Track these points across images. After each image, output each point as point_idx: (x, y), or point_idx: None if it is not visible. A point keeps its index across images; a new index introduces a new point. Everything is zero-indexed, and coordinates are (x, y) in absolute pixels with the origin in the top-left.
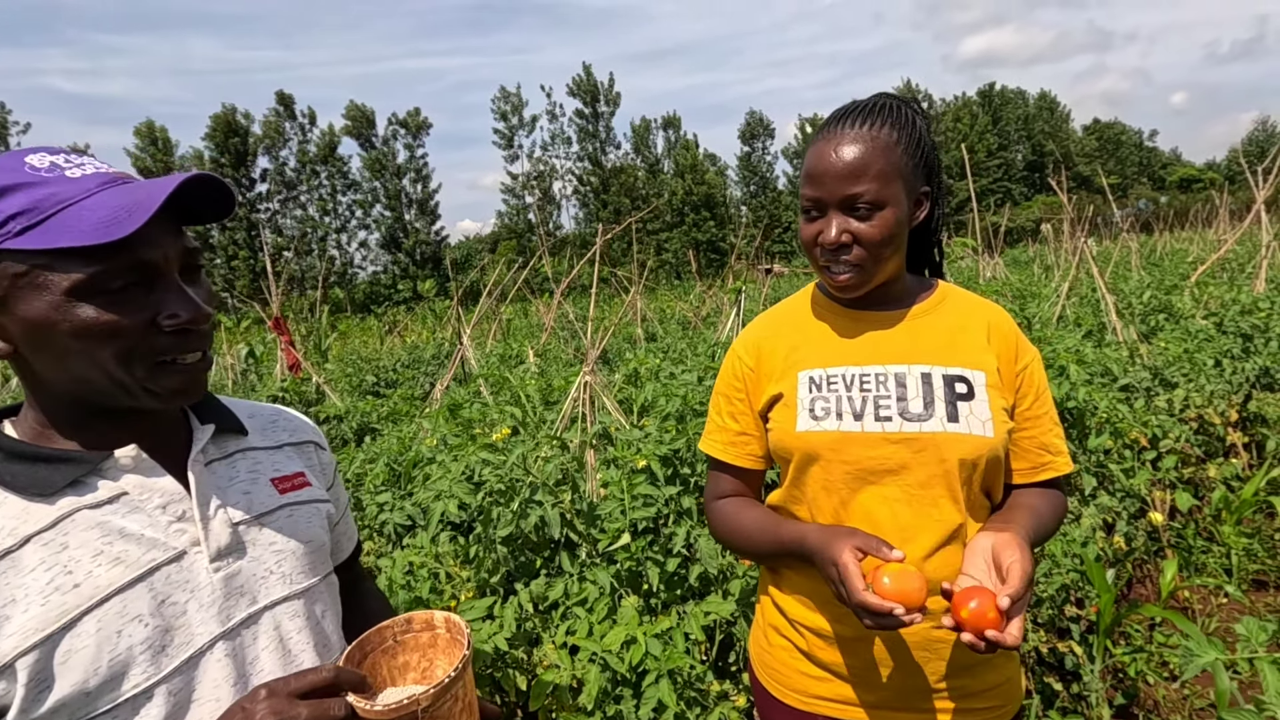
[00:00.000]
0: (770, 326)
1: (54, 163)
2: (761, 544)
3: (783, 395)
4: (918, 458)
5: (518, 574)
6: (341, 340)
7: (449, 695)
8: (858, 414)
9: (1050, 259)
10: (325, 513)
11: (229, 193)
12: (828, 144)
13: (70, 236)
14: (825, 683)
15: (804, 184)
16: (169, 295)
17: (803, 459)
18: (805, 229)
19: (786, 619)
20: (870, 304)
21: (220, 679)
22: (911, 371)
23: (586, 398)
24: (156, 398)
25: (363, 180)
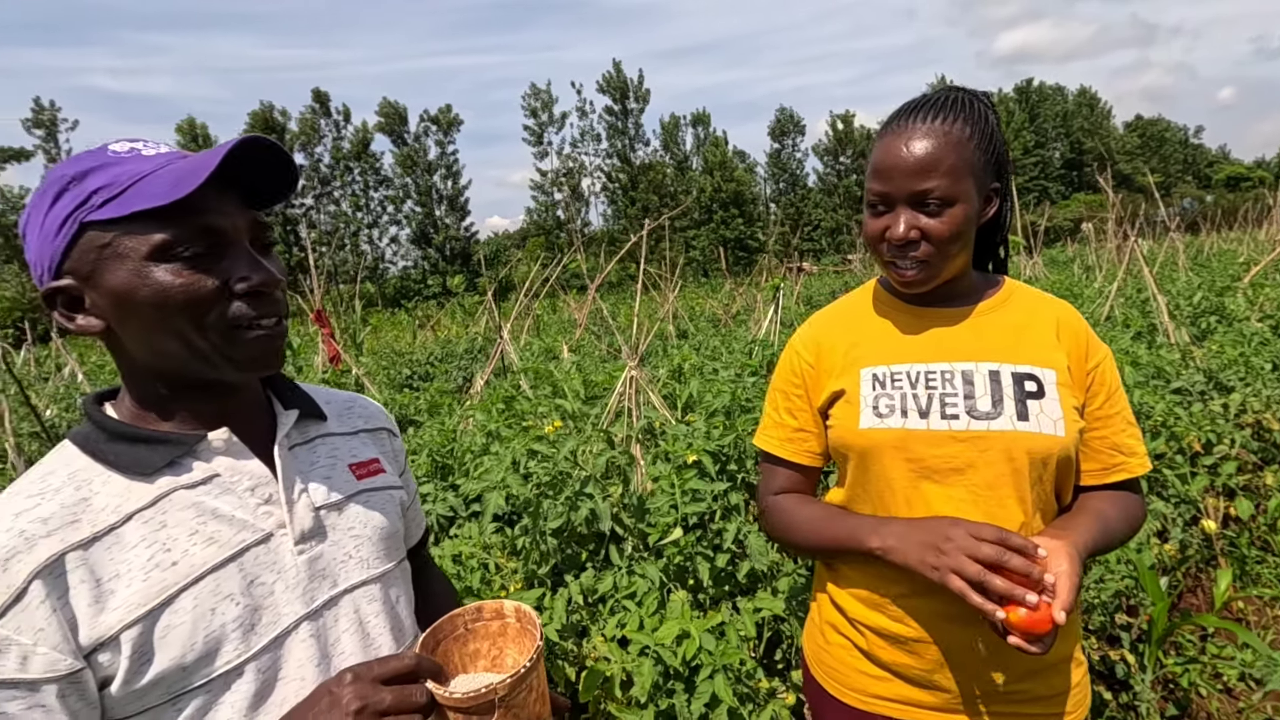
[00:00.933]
0: (830, 323)
1: (133, 147)
2: (823, 539)
3: (844, 392)
4: (985, 457)
5: (564, 566)
6: (373, 334)
7: (524, 685)
8: (923, 411)
9: (1091, 259)
10: (398, 499)
11: (290, 164)
12: (897, 138)
13: (143, 200)
14: (885, 682)
15: (871, 178)
16: (239, 261)
17: (865, 457)
18: (871, 224)
19: (845, 617)
20: (935, 301)
21: (304, 659)
22: (979, 369)
23: (632, 392)
24: (235, 366)
25: (394, 176)
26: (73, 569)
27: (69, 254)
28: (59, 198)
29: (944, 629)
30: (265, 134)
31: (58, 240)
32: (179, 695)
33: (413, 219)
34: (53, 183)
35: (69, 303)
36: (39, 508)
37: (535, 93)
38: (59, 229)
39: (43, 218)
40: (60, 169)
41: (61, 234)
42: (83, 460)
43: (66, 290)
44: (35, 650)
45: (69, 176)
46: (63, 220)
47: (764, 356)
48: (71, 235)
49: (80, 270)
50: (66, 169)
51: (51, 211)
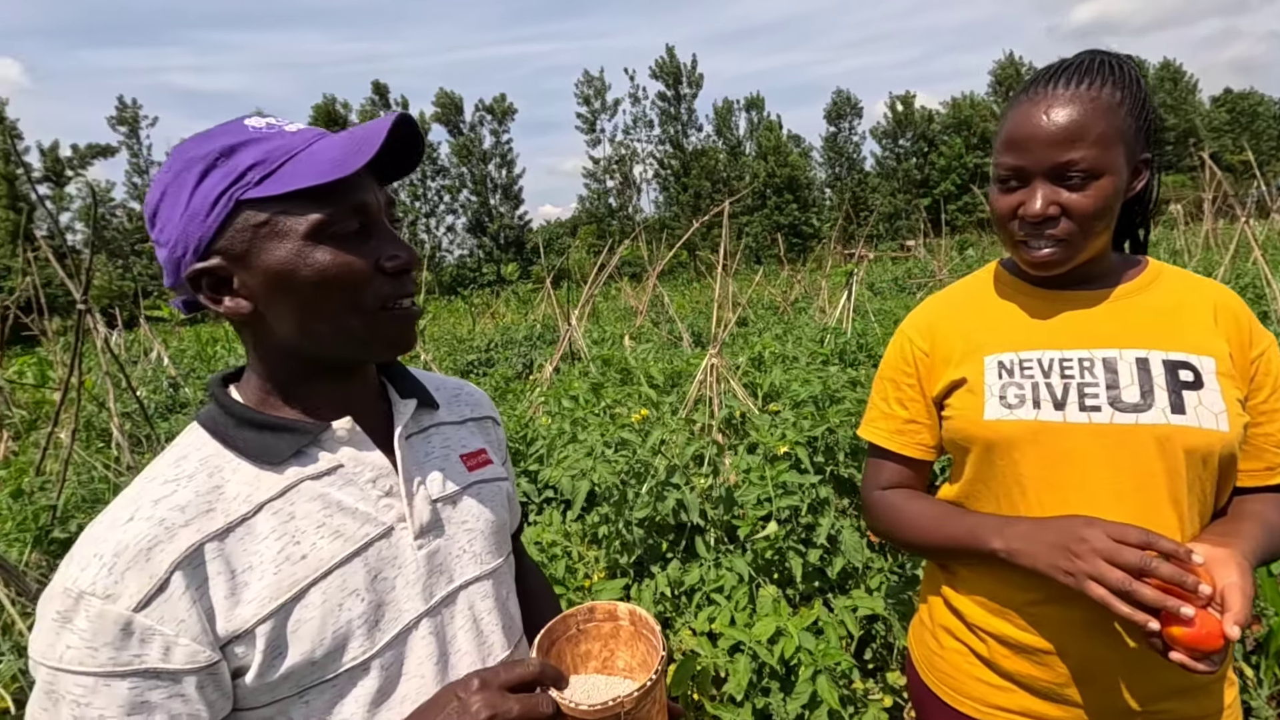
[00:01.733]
0: (945, 307)
1: (269, 123)
2: (937, 539)
3: (965, 380)
4: (1134, 454)
5: (646, 557)
6: (433, 322)
7: (650, 698)
8: (1058, 402)
9: (1179, 243)
10: (505, 490)
11: (420, 140)
12: (1036, 106)
13: (305, 178)
14: (1008, 693)
15: (1002, 151)
16: (384, 240)
17: (989, 450)
18: (1001, 200)
19: (963, 622)
20: (1069, 283)
21: (424, 656)
22: (1124, 356)
23: (713, 380)
24: (382, 346)
25: (450, 166)
26: (210, 559)
27: (221, 233)
28: (207, 174)
29: (1080, 640)
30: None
31: (209, 220)
32: (307, 689)
33: (468, 208)
34: (194, 160)
35: (215, 284)
36: (175, 495)
37: (588, 80)
38: (211, 207)
39: (188, 195)
40: (196, 145)
41: (214, 213)
42: (213, 446)
43: (214, 271)
44: (177, 641)
45: (215, 152)
46: (215, 198)
47: (836, 344)
48: (226, 213)
49: (233, 250)
50: (207, 145)
51: (199, 189)
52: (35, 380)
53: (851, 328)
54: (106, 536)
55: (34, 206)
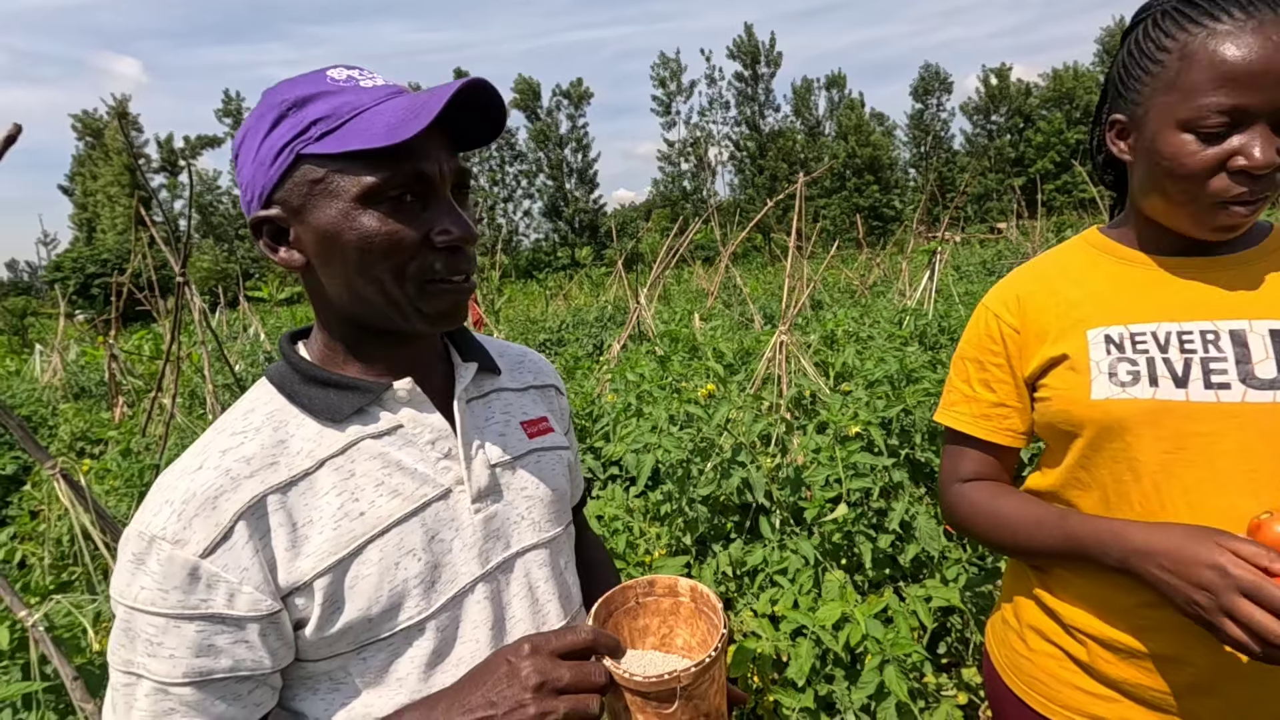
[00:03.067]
0: (1035, 279)
1: (350, 75)
2: (1034, 539)
3: (1067, 357)
4: (1269, 435)
5: (709, 536)
6: (509, 304)
7: (708, 675)
8: (1179, 379)
9: None
10: (566, 459)
11: (501, 106)
12: (1253, 32)
13: (362, 139)
14: (1109, 703)
15: (1216, 88)
16: (442, 212)
17: (1098, 434)
18: (1203, 153)
19: (1059, 624)
20: (1193, 250)
21: (479, 620)
22: (1254, 328)
23: (782, 358)
24: (424, 319)
25: (528, 151)
26: (273, 511)
27: (281, 184)
28: (278, 124)
29: (1205, 647)
30: None
31: (273, 170)
32: (364, 646)
33: (544, 192)
34: (271, 106)
35: (275, 234)
36: (242, 447)
37: (664, 62)
38: (275, 157)
39: (259, 142)
40: (279, 91)
41: (277, 163)
42: (279, 400)
43: (274, 220)
44: (241, 589)
45: (289, 101)
46: (280, 149)
47: (916, 326)
48: (287, 165)
49: (290, 202)
50: (286, 92)
51: (269, 138)
52: (151, 353)
53: (933, 309)
54: (176, 484)
55: (151, 195)
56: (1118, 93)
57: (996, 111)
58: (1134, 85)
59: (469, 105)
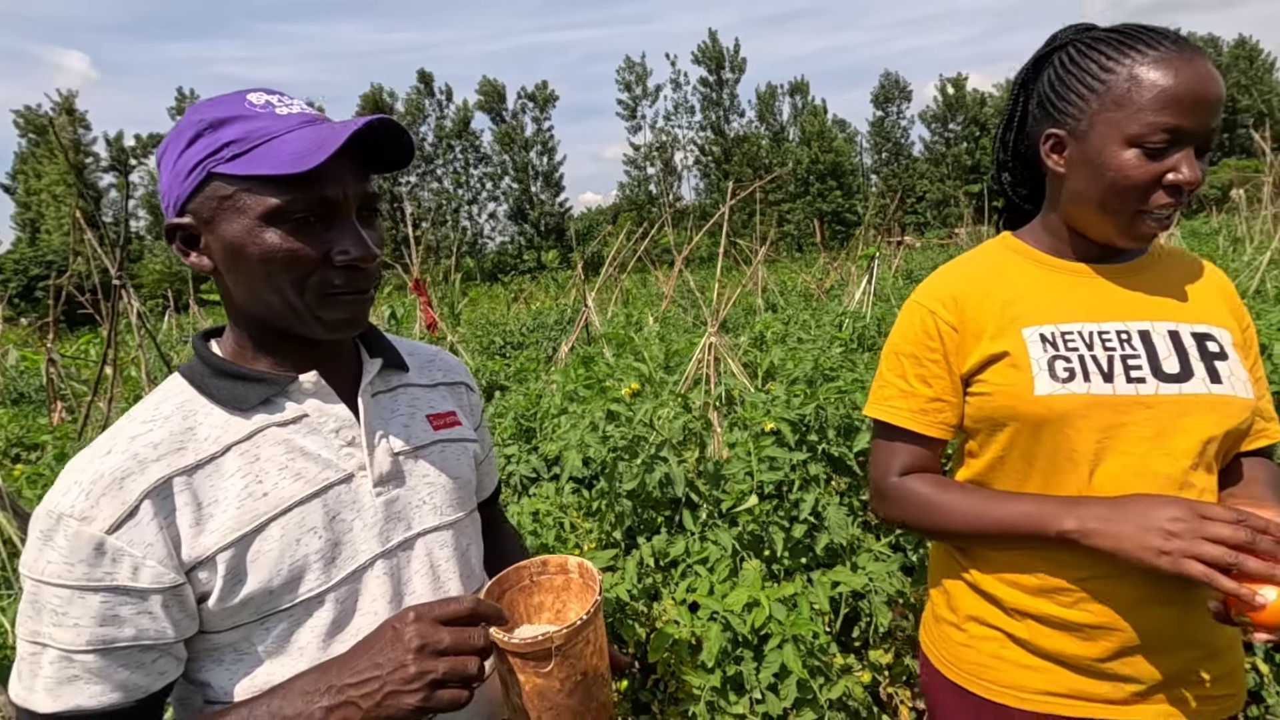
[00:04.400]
0: (969, 279)
1: (268, 100)
2: (985, 524)
3: (1008, 354)
4: (1180, 423)
5: (639, 530)
6: (471, 306)
7: (581, 637)
8: (1106, 374)
9: (1241, 229)
10: (473, 451)
11: (408, 139)
12: (1186, 63)
13: (268, 165)
14: (1048, 674)
15: (1161, 109)
16: (345, 233)
17: (1037, 427)
18: (1145, 167)
19: (998, 607)
20: (1101, 257)
21: (378, 594)
22: (1155, 328)
23: (711, 359)
24: (324, 325)
25: (493, 154)
26: (178, 492)
27: (194, 196)
28: (194, 141)
29: (1137, 614)
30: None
31: (186, 183)
32: (266, 616)
33: (510, 195)
34: (190, 124)
35: (187, 239)
36: (151, 433)
37: (629, 66)
38: (189, 172)
39: (176, 156)
40: (199, 110)
41: (190, 178)
42: (190, 392)
43: (186, 228)
44: (144, 563)
45: (206, 121)
46: (193, 165)
47: (855, 329)
48: (199, 181)
49: (201, 214)
50: (206, 112)
51: (185, 153)
52: (96, 358)
53: (871, 312)
54: (86, 466)
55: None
56: (1049, 109)
57: (953, 120)
58: (1073, 102)
59: (382, 133)
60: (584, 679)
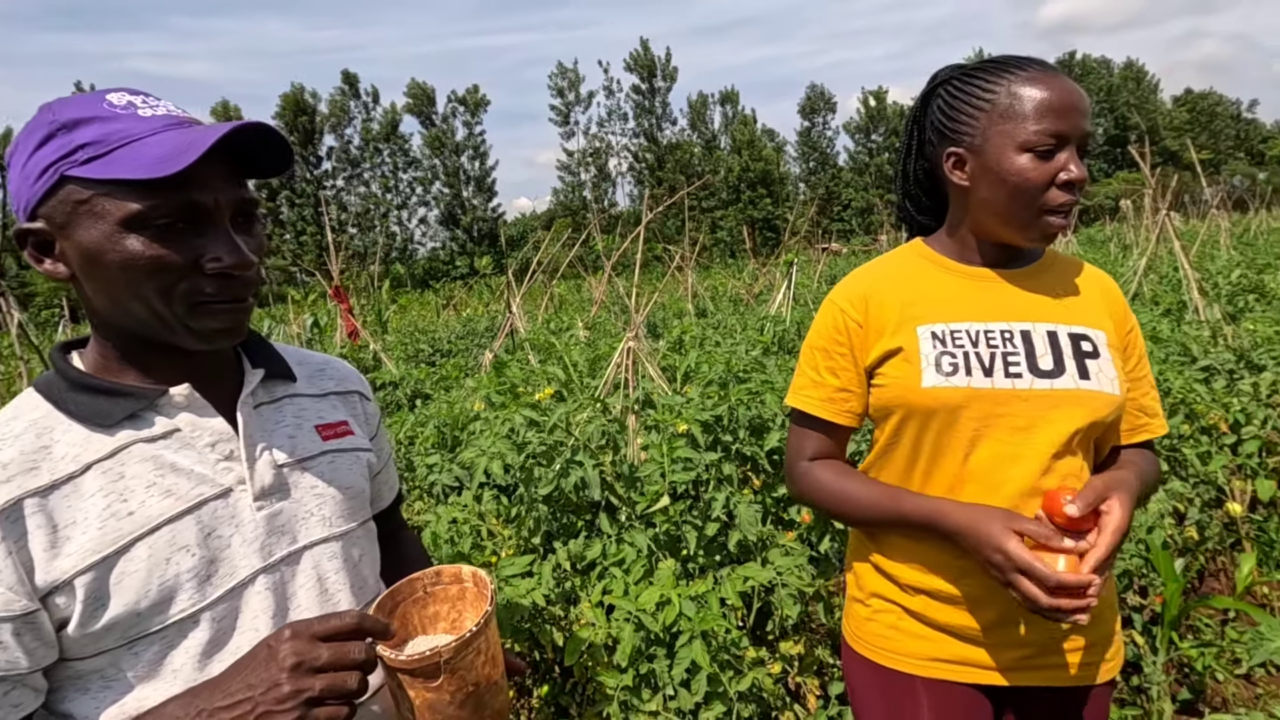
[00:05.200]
0: (876, 280)
1: (131, 101)
2: (874, 514)
3: (902, 349)
4: (1049, 415)
5: (559, 534)
6: (401, 313)
7: (471, 648)
8: (987, 369)
9: (1129, 237)
10: (366, 461)
11: (285, 143)
12: (1054, 79)
13: (127, 169)
14: (939, 643)
15: (1040, 118)
16: (217, 240)
17: (925, 416)
18: (1039, 168)
19: (896, 585)
20: (997, 262)
21: (260, 610)
22: (1036, 329)
23: (629, 363)
24: (196, 336)
25: (423, 158)
26: (30, 514)
27: (45, 200)
28: (45, 142)
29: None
30: (296, 115)
31: (36, 186)
32: (135, 640)
33: (441, 200)
34: (41, 124)
35: (39, 245)
36: (0, 453)
37: (562, 72)
38: (39, 175)
39: (26, 158)
40: (52, 110)
41: (41, 181)
42: (45, 408)
43: (38, 233)
44: None
45: (59, 123)
46: (44, 167)
47: (775, 332)
48: (51, 185)
49: (54, 219)
50: (59, 112)
51: (35, 155)
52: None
53: (790, 316)
54: None
55: None
56: (945, 134)
57: (875, 131)
58: (965, 123)
59: (258, 137)
60: (475, 689)
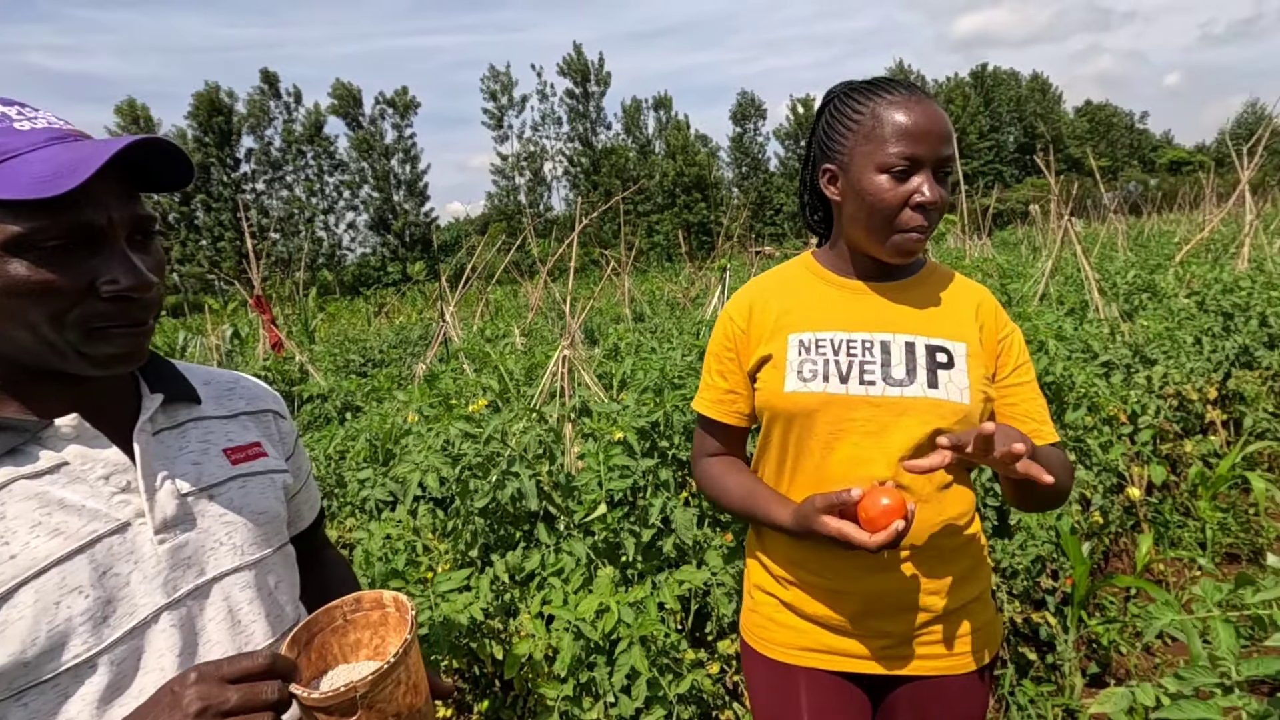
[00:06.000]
0: (763, 290)
1: (5, 114)
2: (743, 512)
3: (772, 356)
4: (897, 421)
5: (497, 546)
6: (329, 322)
7: (390, 679)
8: (843, 377)
9: (1038, 240)
10: (281, 483)
11: (184, 158)
12: (916, 103)
13: (8, 189)
14: (810, 634)
15: (897, 141)
16: (112, 261)
17: (788, 419)
18: (895, 190)
19: (772, 576)
20: (873, 275)
21: (165, 649)
22: (896, 340)
23: (565, 371)
24: (91, 363)
25: (350, 161)
26: None
27: None
28: None
29: (864, 580)
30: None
31: None
32: (23, 690)
33: (370, 204)
34: None
35: None
36: None
37: (494, 75)
38: None
39: None
40: None
41: None
42: None
43: None
44: None
45: None
46: None
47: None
48: None
49: None
50: None
51: None
52: None
53: None
54: None
55: None
56: (823, 150)
57: (804, 137)
58: (838, 141)
59: (153, 149)
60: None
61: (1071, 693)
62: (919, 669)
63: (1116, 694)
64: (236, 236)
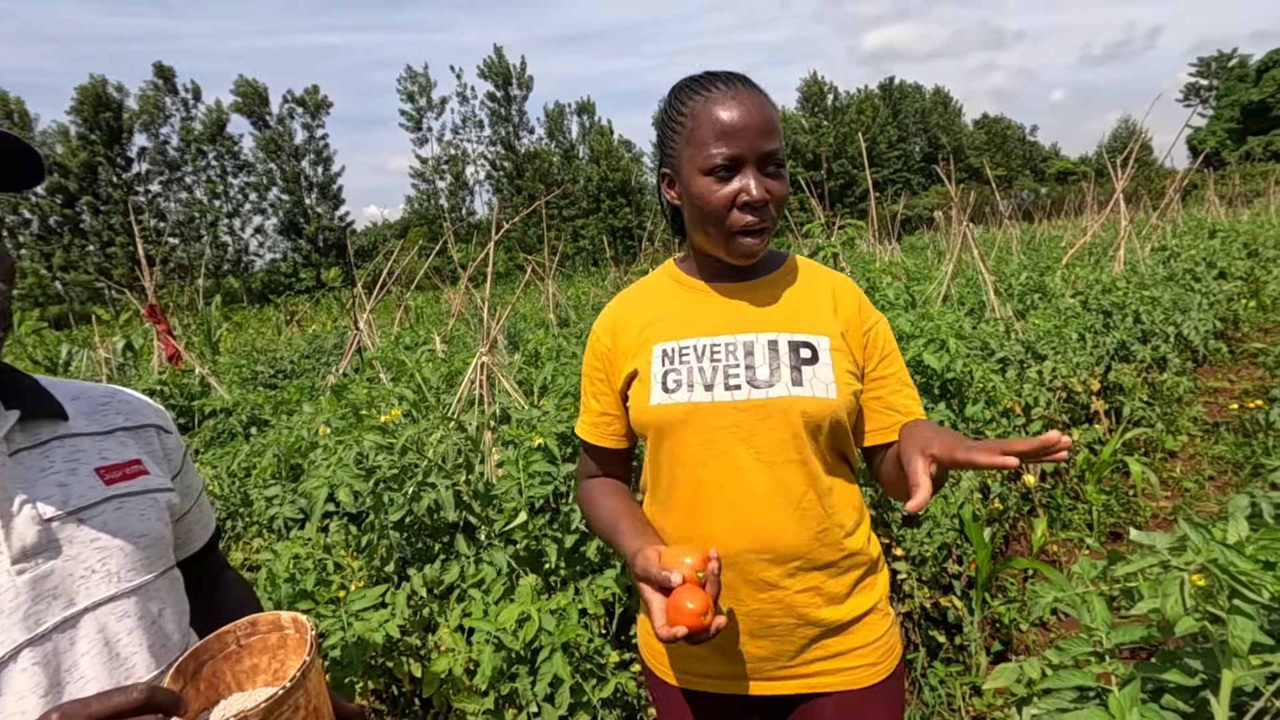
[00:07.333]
0: (626, 305)
1: None
2: (606, 539)
3: (638, 371)
4: (766, 424)
5: (415, 560)
6: (236, 331)
7: (287, 704)
8: (708, 384)
9: (942, 245)
10: (166, 503)
11: (33, 153)
12: (734, 99)
13: None
14: (702, 660)
15: (715, 142)
16: None
17: (658, 433)
18: (721, 191)
19: None
20: (729, 276)
21: (26, 690)
22: (759, 340)
23: (484, 379)
24: None
25: (256, 162)
26: None
27: None
28: None
29: (741, 599)
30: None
31: None
32: None
33: (279, 207)
34: None
35: None
36: None
37: (412, 76)
38: None
39: None
40: None
41: None
42: None
43: None
44: None
45: None
46: None
47: None
48: None
49: None
50: None
51: None
52: None
53: None
54: None
55: None
56: (662, 154)
57: None
58: (670, 145)
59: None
60: None
61: (978, 671)
62: (817, 686)
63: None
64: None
